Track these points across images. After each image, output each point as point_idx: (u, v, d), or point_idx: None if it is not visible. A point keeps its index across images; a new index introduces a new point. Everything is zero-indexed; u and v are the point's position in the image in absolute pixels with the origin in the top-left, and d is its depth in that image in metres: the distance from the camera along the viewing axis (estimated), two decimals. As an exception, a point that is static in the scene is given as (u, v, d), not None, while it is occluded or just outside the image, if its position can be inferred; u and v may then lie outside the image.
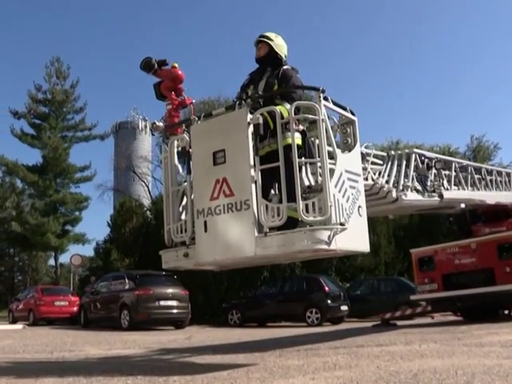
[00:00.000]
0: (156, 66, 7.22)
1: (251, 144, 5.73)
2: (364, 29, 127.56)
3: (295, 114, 5.75)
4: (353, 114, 6.64)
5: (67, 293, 26.80)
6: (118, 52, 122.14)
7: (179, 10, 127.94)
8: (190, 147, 6.33)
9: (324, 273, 24.79)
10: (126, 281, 19.30)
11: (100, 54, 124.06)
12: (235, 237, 5.74)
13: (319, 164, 5.74)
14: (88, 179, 46.26)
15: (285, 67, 6.51)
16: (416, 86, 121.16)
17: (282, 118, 5.71)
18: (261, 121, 5.77)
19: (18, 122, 45.21)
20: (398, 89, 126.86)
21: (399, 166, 10.32)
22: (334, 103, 6.19)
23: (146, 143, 61.19)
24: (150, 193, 44.26)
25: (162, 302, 18.49)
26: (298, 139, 5.82)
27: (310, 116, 5.92)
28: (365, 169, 8.53)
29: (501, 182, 14.54)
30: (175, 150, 6.68)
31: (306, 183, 6.13)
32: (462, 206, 12.56)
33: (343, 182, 5.85)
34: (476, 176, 13.33)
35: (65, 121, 46.15)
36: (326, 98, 5.89)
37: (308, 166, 6.27)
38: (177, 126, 6.93)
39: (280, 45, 6.66)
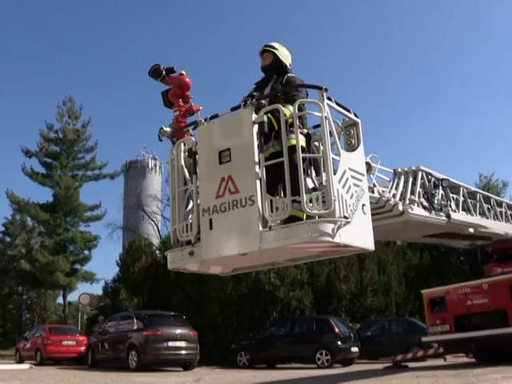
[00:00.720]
0: (164, 72, 7.36)
1: (256, 142, 5.90)
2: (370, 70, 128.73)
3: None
4: (356, 116, 6.74)
5: (75, 332, 26.55)
6: (128, 91, 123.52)
7: (194, 51, 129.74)
8: (197, 148, 6.50)
9: (334, 314, 24.54)
10: (135, 321, 19.12)
11: (111, 93, 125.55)
12: (240, 232, 5.86)
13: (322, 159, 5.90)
14: (98, 218, 46.36)
15: (289, 74, 6.68)
16: (424, 123, 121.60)
17: (287, 120, 5.89)
18: (265, 119, 5.94)
19: (30, 160, 45.58)
20: (406, 125, 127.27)
21: (406, 182, 10.23)
22: (338, 104, 6.29)
23: (155, 182, 61.50)
24: (159, 232, 44.24)
25: (171, 343, 18.27)
26: (302, 141, 5.91)
27: (314, 113, 6.02)
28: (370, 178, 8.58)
29: (511, 215, 14.36)
30: (182, 154, 6.83)
31: (311, 186, 6.16)
32: (471, 230, 12.15)
33: (347, 179, 6.00)
34: (485, 205, 13.15)
35: (75, 160, 46.51)
36: (329, 99, 6.01)
37: (313, 170, 6.37)
38: (183, 130, 7.10)
39: (284, 54, 6.86)
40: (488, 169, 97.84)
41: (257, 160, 5.85)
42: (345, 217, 5.66)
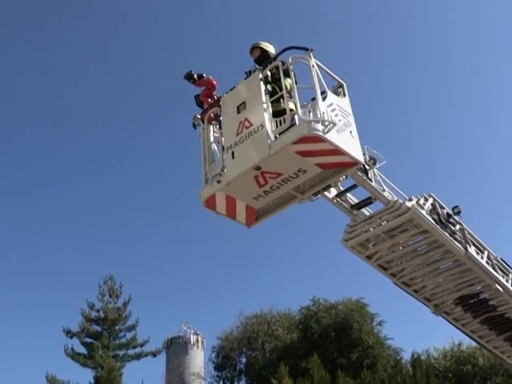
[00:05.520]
0: (195, 76, 9.66)
1: (263, 88, 8.26)
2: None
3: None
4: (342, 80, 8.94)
5: None
6: (167, 267, 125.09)
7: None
8: (221, 113, 8.97)
9: None
10: None
11: (150, 270, 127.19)
12: (254, 149, 7.94)
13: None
14: (140, 400, 45.29)
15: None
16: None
17: (287, 88, 8.24)
18: (269, 73, 8.42)
19: (71, 340, 46.19)
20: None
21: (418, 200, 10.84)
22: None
23: (198, 358, 60.48)
24: (203, 412, 42.83)
25: None
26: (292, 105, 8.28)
27: (303, 61, 8.35)
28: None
29: None
30: (211, 128, 9.24)
31: None
32: (499, 288, 12.10)
33: (334, 108, 8.10)
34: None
35: (117, 339, 46.92)
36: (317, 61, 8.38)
37: None
38: (209, 103, 9.54)
39: (267, 45, 9.48)
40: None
41: (264, 100, 8.16)
42: (332, 121, 7.76)
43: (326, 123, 7.71)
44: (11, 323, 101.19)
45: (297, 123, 8.04)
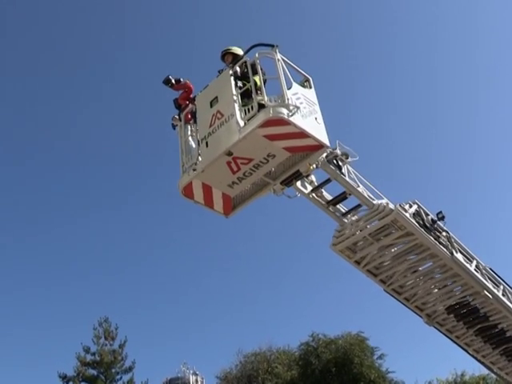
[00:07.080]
0: (173, 80, 10.23)
1: (233, 83, 8.77)
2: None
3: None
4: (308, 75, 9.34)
5: None
6: (164, 307, 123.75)
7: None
8: (196, 109, 9.44)
9: None
10: None
11: (147, 311, 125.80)
12: (225, 136, 8.45)
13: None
14: None
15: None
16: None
17: (256, 85, 8.66)
18: (238, 69, 8.95)
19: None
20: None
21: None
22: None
23: (199, 395, 59.06)
24: None
25: None
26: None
27: (270, 56, 8.75)
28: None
29: None
30: (189, 128, 9.73)
31: None
32: (488, 295, 12.04)
33: (299, 97, 8.57)
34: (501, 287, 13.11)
35: (113, 382, 45.74)
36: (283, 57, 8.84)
37: None
38: (187, 105, 9.97)
39: (238, 49, 9.88)
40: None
41: (234, 92, 8.67)
42: (296, 106, 8.24)
43: (291, 107, 8.19)
44: (3, 370, 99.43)
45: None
